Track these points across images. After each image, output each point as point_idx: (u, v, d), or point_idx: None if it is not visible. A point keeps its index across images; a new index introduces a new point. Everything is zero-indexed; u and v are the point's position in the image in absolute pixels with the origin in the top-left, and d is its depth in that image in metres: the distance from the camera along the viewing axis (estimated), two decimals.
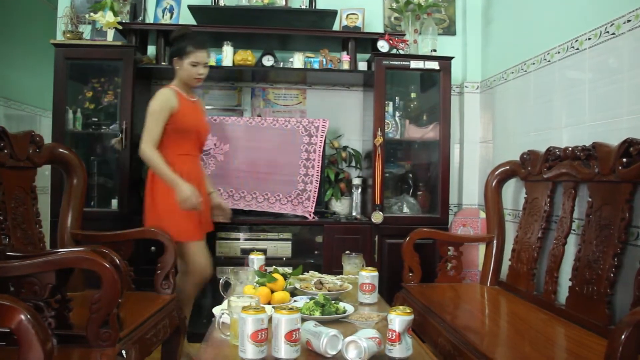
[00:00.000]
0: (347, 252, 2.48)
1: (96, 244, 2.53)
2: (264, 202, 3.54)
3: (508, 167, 3.09)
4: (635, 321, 1.36)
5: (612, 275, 2.10)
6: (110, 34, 3.58)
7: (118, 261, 1.86)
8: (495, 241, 3.08)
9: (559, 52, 2.83)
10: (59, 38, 3.69)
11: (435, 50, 3.69)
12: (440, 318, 2.39)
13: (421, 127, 3.77)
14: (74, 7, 3.64)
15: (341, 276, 2.43)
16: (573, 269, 2.36)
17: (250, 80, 3.97)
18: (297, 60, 3.69)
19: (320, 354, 1.49)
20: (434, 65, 3.58)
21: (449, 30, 4.07)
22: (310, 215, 3.49)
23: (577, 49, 2.66)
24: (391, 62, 3.57)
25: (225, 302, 1.86)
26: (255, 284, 2.00)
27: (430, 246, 3.36)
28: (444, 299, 2.76)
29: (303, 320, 1.58)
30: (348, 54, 3.68)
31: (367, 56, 3.76)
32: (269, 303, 1.92)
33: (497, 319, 2.53)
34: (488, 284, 3.02)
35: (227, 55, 3.61)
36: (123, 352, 1.85)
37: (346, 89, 4.06)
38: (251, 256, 2.39)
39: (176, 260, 2.65)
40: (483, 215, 3.53)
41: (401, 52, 3.62)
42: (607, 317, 2.08)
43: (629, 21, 2.28)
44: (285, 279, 2.12)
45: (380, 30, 3.98)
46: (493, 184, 3.12)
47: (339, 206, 3.78)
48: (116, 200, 3.48)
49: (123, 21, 3.52)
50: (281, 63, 3.73)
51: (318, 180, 3.54)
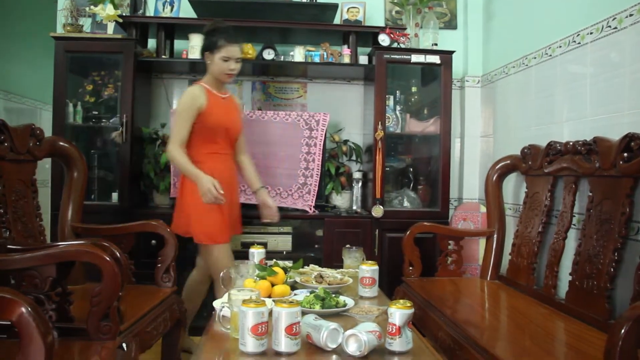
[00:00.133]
0: (348, 246, 2.48)
1: (97, 237, 2.53)
2: None
3: (509, 162, 3.09)
4: (635, 316, 1.36)
5: (612, 269, 2.11)
6: (110, 27, 3.56)
7: (118, 254, 1.87)
8: (495, 235, 3.09)
9: (561, 47, 2.82)
10: (59, 31, 3.68)
11: (436, 44, 3.68)
12: (440, 312, 2.40)
13: (422, 121, 3.76)
14: (74, 0, 3.62)
15: (341, 270, 2.43)
16: (573, 264, 2.36)
17: (250, 73, 3.96)
18: (298, 53, 3.68)
19: (320, 347, 1.49)
20: (435, 59, 3.57)
21: (450, 24, 4.06)
22: (310, 208, 3.49)
23: (579, 44, 2.65)
24: (392, 56, 3.56)
25: (225, 296, 1.86)
26: (255, 278, 2.00)
27: (430, 240, 3.36)
28: (444, 293, 2.76)
29: (303, 313, 1.58)
30: (349, 48, 3.67)
31: (368, 50, 3.75)
32: (269, 296, 1.93)
33: (497, 313, 2.54)
34: (488, 278, 3.03)
35: None
36: (123, 345, 1.86)
37: (347, 83, 4.05)
38: (251, 249, 2.39)
39: (176, 253, 2.65)
40: (483, 209, 3.53)
41: (402, 46, 3.61)
42: (607, 312, 2.09)
43: (631, 15, 2.27)
44: (285, 273, 2.12)
45: (381, 23, 3.97)
46: (494, 178, 3.12)
47: (340, 200, 3.78)
48: (116, 193, 3.48)
49: (123, 14, 3.51)
50: (282, 56, 3.72)
51: (319, 174, 3.54)
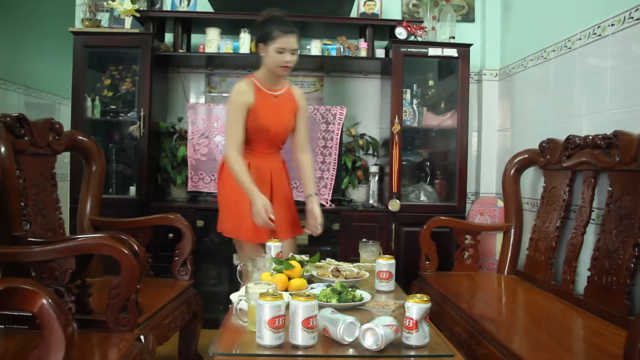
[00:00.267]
0: (364, 240, 2.47)
1: (115, 231, 2.55)
2: None
3: (526, 156, 3.06)
4: None
5: (632, 265, 2.08)
6: (128, 22, 3.59)
7: (136, 247, 1.89)
8: (513, 230, 3.07)
9: (580, 39, 2.78)
10: (78, 26, 3.72)
11: (453, 37, 3.66)
12: (457, 307, 2.39)
13: (439, 115, 3.74)
14: None
15: (358, 264, 2.43)
16: (592, 259, 2.34)
17: None
18: (315, 47, 3.68)
19: (337, 341, 1.49)
20: (452, 52, 3.55)
21: (468, 17, 4.02)
22: (327, 202, 3.49)
23: (599, 36, 2.61)
24: (409, 50, 3.54)
25: (242, 289, 1.87)
26: (272, 271, 2.01)
27: (447, 234, 3.35)
28: (461, 288, 2.76)
29: (320, 307, 1.59)
30: (366, 41, 3.65)
31: (385, 43, 3.73)
32: (286, 290, 1.93)
33: (514, 308, 2.52)
34: (505, 273, 3.01)
35: (245, 42, 3.60)
36: (141, 337, 1.88)
37: (364, 77, 4.04)
38: (268, 243, 2.39)
39: (194, 247, 2.67)
40: (501, 204, 3.51)
41: (419, 39, 3.59)
42: (627, 308, 2.07)
43: None
44: (302, 267, 2.12)
45: (398, 17, 3.94)
46: (511, 173, 3.10)
47: (356, 194, 3.77)
48: (134, 187, 3.52)
49: (140, 9, 3.53)
50: (298, 50, 3.70)
51: (335, 167, 3.54)
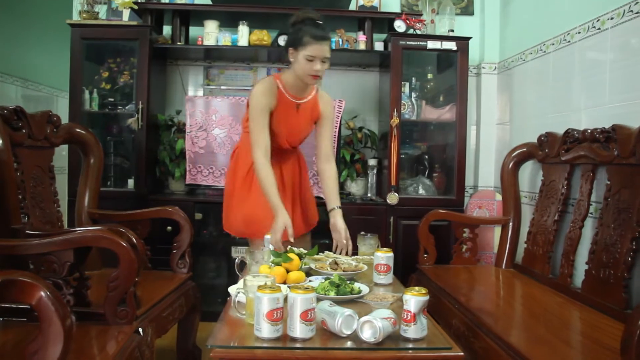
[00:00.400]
0: (362, 233, 2.47)
1: (113, 223, 2.55)
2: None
3: (525, 149, 3.06)
4: None
5: (630, 259, 2.08)
6: (125, 14, 3.58)
7: (135, 240, 1.88)
8: (511, 223, 3.07)
9: (580, 33, 2.78)
10: (75, 18, 3.70)
11: (452, 30, 3.65)
12: (454, 300, 2.40)
13: (437, 108, 3.74)
14: None
15: (356, 257, 2.43)
16: (590, 253, 2.34)
17: (266, 60, 3.96)
18: None
19: (335, 334, 1.49)
20: (451, 45, 3.54)
21: (467, 10, 4.01)
22: None
23: (599, 29, 2.61)
24: (408, 43, 3.53)
25: (240, 282, 1.87)
26: (270, 264, 2.01)
27: (445, 228, 3.35)
28: (459, 281, 2.76)
29: (318, 300, 1.59)
30: (364, 34, 3.64)
31: (384, 36, 3.73)
32: (285, 283, 1.93)
33: (512, 302, 2.53)
34: (503, 267, 3.02)
35: (243, 35, 3.59)
36: (140, 330, 1.88)
37: (362, 70, 4.03)
38: (267, 236, 2.39)
39: (192, 240, 2.66)
40: (499, 197, 3.51)
41: (418, 33, 3.58)
42: (624, 301, 2.07)
43: None
44: (300, 259, 2.12)
45: (397, 10, 3.93)
46: (510, 166, 3.10)
47: (355, 187, 3.77)
48: (132, 180, 3.51)
49: (138, 1, 3.51)
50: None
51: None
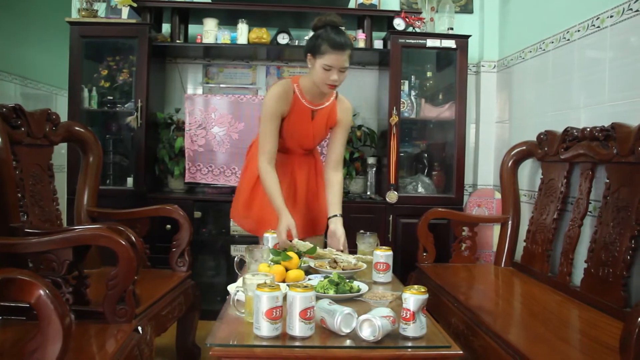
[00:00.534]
0: (362, 232, 2.47)
1: (112, 222, 2.55)
2: None
3: (524, 148, 3.06)
4: None
5: (629, 257, 2.08)
6: (124, 12, 3.57)
7: (134, 238, 1.89)
8: (510, 222, 3.07)
9: (579, 31, 2.78)
10: (74, 16, 3.69)
11: (452, 28, 3.64)
12: (454, 298, 2.40)
13: (437, 107, 3.74)
14: None
15: (358, 255, 2.43)
16: (589, 251, 2.34)
17: (265, 58, 3.95)
18: None
19: (334, 332, 1.49)
20: (451, 43, 3.54)
21: (466, 8, 4.00)
22: None
23: (598, 27, 2.61)
24: (407, 41, 3.53)
25: (240, 280, 1.87)
26: (269, 262, 2.01)
27: (444, 226, 3.35)
28: (458, 279, 2.76)
29: (317, 298, 1.59)
30: (364, 32, 3.64)
31: (383, 34, 3.72)
32: (284, 281, 1.93)
33: (511, 300, 2.53)
34: (502, 265, 3.02)
35: (242, 33, 3.59)
36: (139, 328, 1.88)
37: (362, 68, 4.02)
38: (265, 234, 2.39)
39: (191, 238, 2.66)
40: (498, 195, 3.51)
41: (417, 31, 3.58)
42: (623, 300, 2.07)
43: None
44: (299, 258, 2.12)
45: (396, 8, 3.93)
46: (509, 165, 3.10)
47: (354, 185, 3.77)
48: (132, 178, 3.51)
49: None
50: (296, 41, 3.70)
51: None
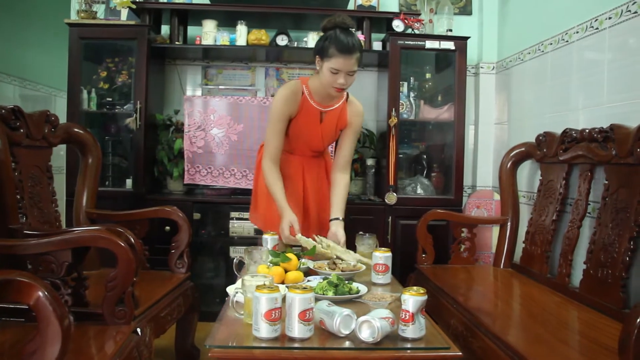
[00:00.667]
0: (361, 233, 2.47)
1: (111, 223, 2.55)
2: None
3: (523, 149, 3.06)
4: None
5: (628, 258, 2.09)
6: (124, 14, 3.58)
7: (133, 240, 1.88)
8: (509, 223, 3.07)
9: (578, 32, 2.78)
10: (73, 18, 3.69)
11: (451, 30, 3.65)
12: (453, 299, 2.40)
13: (436, 108, 3.74)
14: None
15: (359, 258, 2.43)
16: (588, 252, 2.34)
17: (264, 59, 3.95)
18: (312, 39, 3.66)
19: (333, 333, 1.49)
20: (450, 45, 3.54)
21: (465, 9, 4.01)
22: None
23: (597, 29, 2.61)
24: (406, 42, 3.53)
25: (239, 282, 1.87)
26: (268, 264, 2.01)
27: (443, 228, 3.35)
28: (457, 281, 2.76)
29: (316, 299, 1.59)
30: (363, 34, 3.64)
31: (382, 36, 3.72)
32: (283, 282, 1.93)
33: (510, 301, 2.53)
34: (501, 266, 3.02)
35: (241, 34, 3.59)
36: (138, 330, 1.88)
37: (360, 69, 3.94)
38: (265, 236, 2.39)
39: (190, 239, 2.66)
40: (497, 197, 3.51)
41: (416, 32, 3.58)
42: (622, 301, 2.07)
43: None
44: (298, 259, 2.12)
45: (395, 9, 3.93)
46: (508, 166, 3.10)
47: (353, 187, 3.77)
48: (131, 179, 3.51)
49: (136, 0, 3.51)
50: (295, 43, 3.70)
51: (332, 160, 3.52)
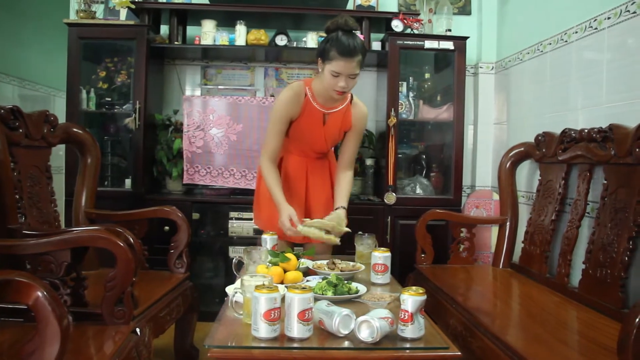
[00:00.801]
0: (360, 233, 2.47)
1: (110, 223, 2.55)
2: None
3: (522, 149, 3.06)
4: None
5: (627, 258, 2.09)
6: (123, 13, 3.58)
7: (132, 240, 1.88)
8: (508, 223, 3.07)
9: (577, 32, 2.78)
10: (72, 17, 3.69)
11: (450, 30, 3.65)
12: (452, 299, 2.40)
13: (435, 108, 3.74)
14: None
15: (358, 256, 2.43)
16: (587, 252, 2.34)
17: (263, 59, 3.95)
18: (311, 39, 3.66)
19: (332, 333, 1.49)
20: (449, 45, 3.54)
21: (464, 9, 4.01)
22: None
23: (596, 29, 2.61)
24: (405, 42, 3.53)
25: (238, 282, 1.87)
26: (268, 264, 2.01)
27: (442, 227, 3.35)
28: (456, 281, 2.76)
29: (316, 299, 1.59)
30: (362, 34, 3.63)
31: (381, 36, 3.72)
32: (282, 282, 1.93)
33: (509, 301, 2.53)
34: (500, 266, 3.02)
35: (241, 34, 3.59)
36: (137, 330, 1.88)
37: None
38: (264, 235, 2.39)
39: (189, 239, 2.66)
40: (496, 197, 3.51)
41: (415, 32, 3.58)
42: (621, 301, 2.08)
43: None
44: (297, 259, 2.12)
45: (394, 9, 3.93)
46: (507, 166, 3.10)
47: (352, 187, 3.76)
48: (130, 179, 3.51)
49: (135, 0, 3.51)
50: (294, 43, 3.70)
51: None
